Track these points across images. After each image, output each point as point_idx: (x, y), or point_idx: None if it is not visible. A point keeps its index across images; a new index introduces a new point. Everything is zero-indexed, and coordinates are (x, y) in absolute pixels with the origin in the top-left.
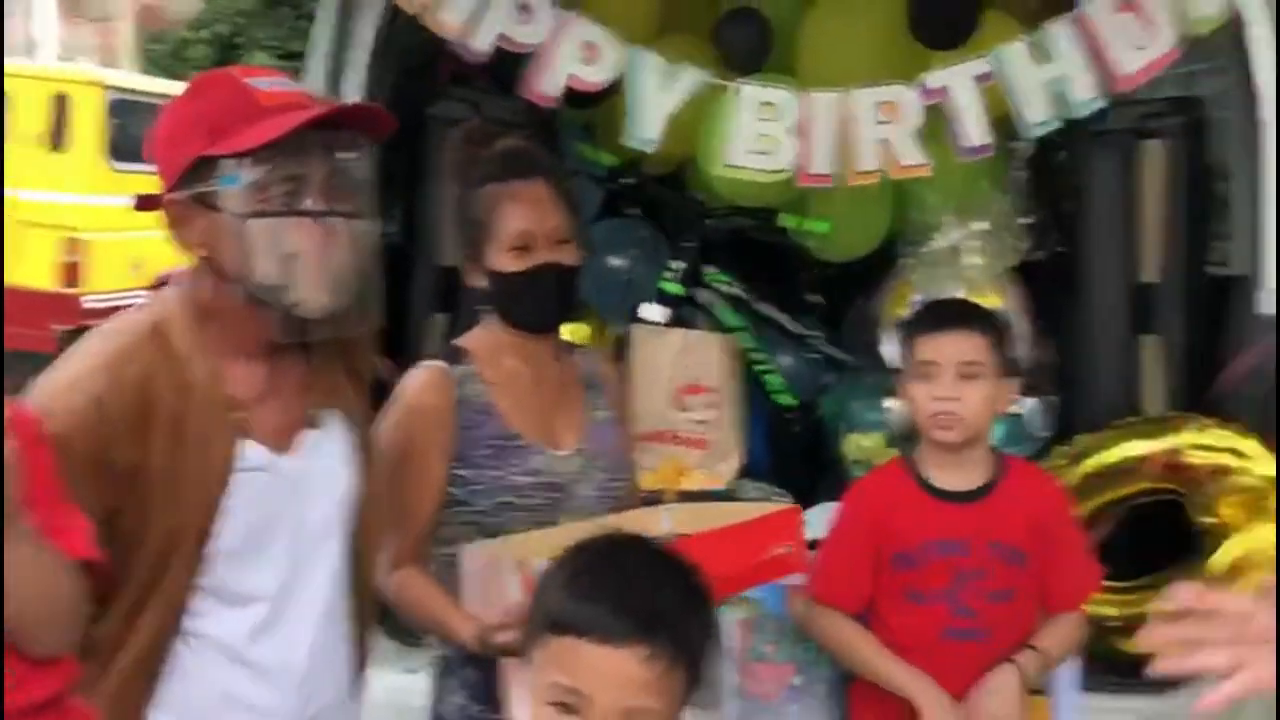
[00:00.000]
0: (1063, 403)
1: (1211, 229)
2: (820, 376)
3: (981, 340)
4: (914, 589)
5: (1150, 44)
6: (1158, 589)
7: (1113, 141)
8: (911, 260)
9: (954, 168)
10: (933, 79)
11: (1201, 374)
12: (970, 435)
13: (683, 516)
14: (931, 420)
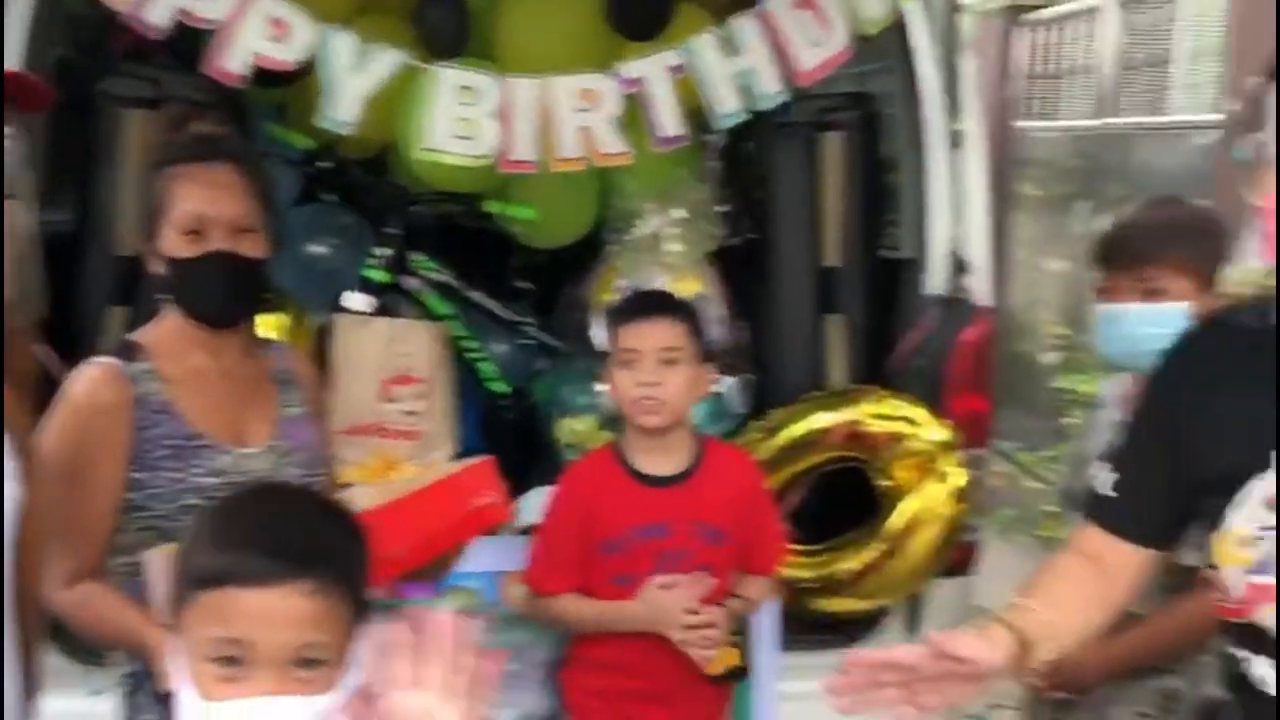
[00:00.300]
0: (757, 380)
1: (885, 216)
2: (532, 362)
3: (680, 328)
4: (621, 574)
5: (826, 41)
6: (845, 549)
7: (795, 133)
8: (616, 247)
9: (654, 156)
10: (628, 69)
11: (878, 350)
12: (672, 420)
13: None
14: (635, 406)
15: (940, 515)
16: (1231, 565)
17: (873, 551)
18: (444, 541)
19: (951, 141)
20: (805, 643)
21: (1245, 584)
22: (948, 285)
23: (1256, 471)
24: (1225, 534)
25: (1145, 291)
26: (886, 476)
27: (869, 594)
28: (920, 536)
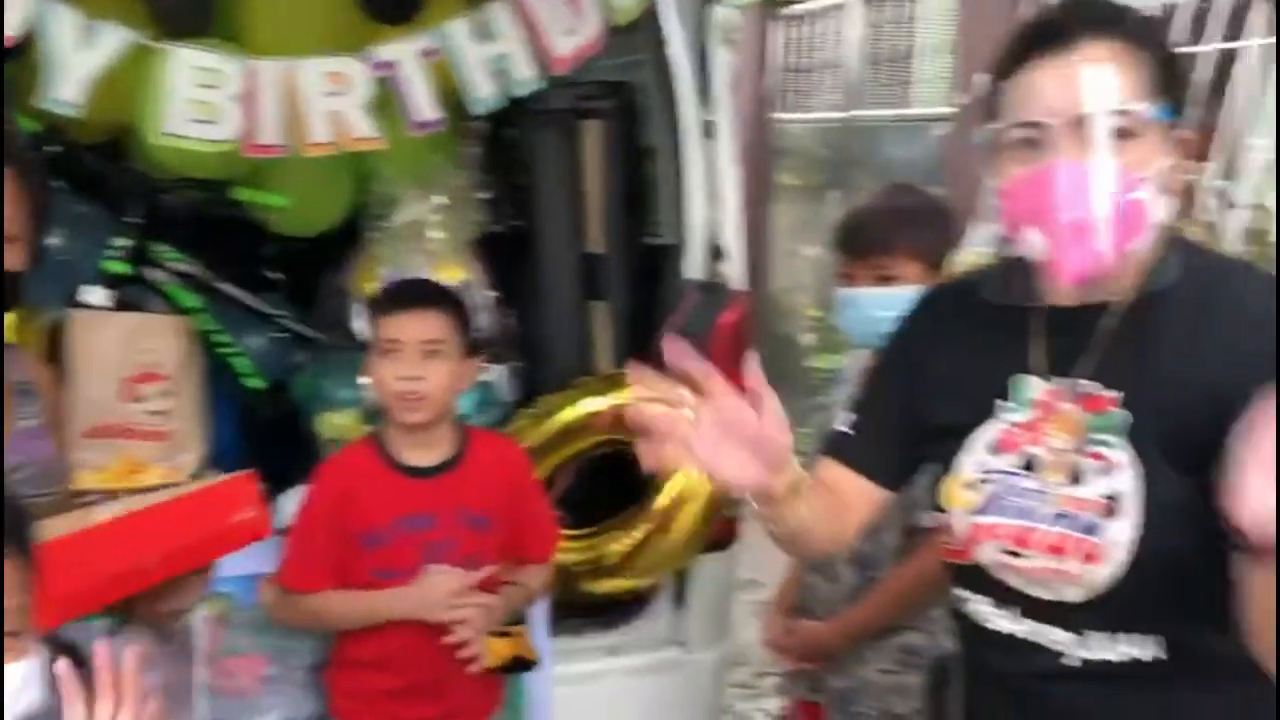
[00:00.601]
0: (525, 368)
1: (646, 203)
2: (291, 356)
3: (444, 319)
4: (385, 567)
5: (579, 29)
6: (613, 531)
7: (555, 120)
8: (377, 235)
9: (411, 142)
10: (380, 52)
11: (643, 334)
12: (434, 413)
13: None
14: (396, 400)
15: (703, 493)
16: (958, 507)
17: (639, 532)
18: (197, 555)
19: (705, 131)
20: (575, 626)
21: (969, 525)
22: (706, 270)
23: (983, 419)
24: (953, 478)
25: (878, 277)
26: None
27: (637, 573)
28: (684, 515)
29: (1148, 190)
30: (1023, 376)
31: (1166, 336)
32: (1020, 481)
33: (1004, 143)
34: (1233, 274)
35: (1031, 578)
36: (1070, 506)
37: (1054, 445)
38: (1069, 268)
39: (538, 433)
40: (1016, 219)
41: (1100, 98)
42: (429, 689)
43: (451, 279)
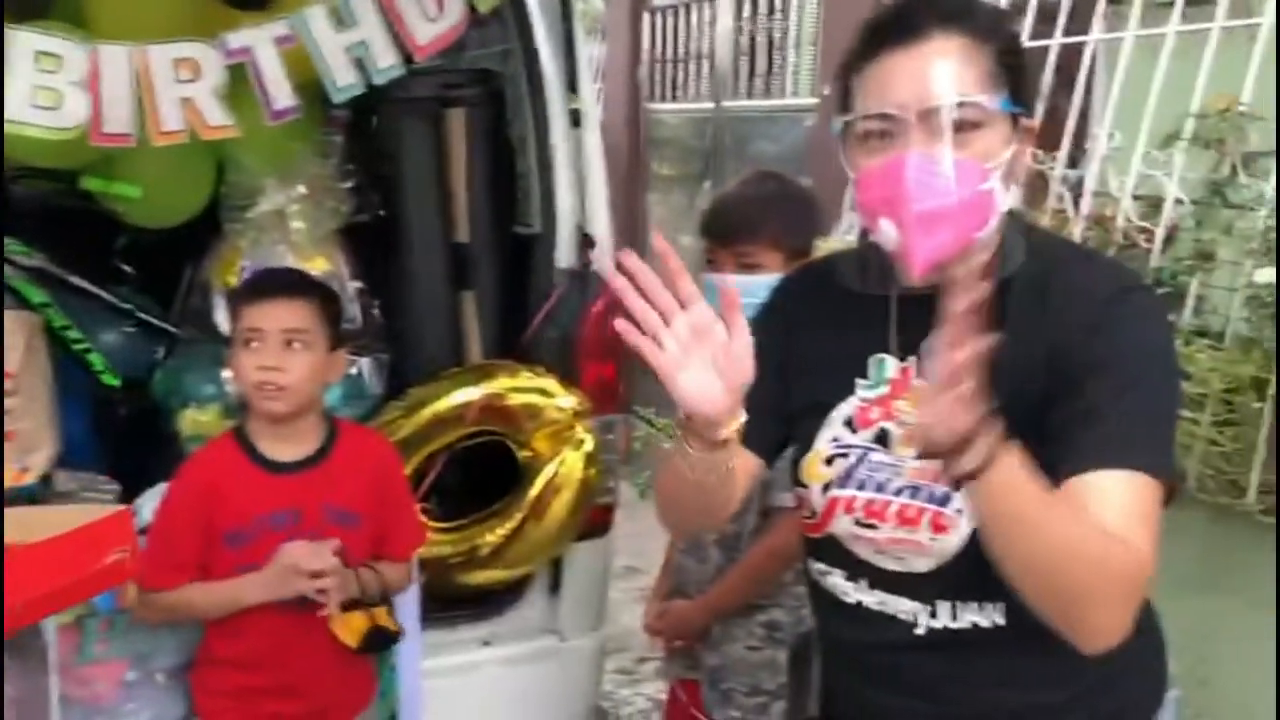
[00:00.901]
0: (394, 359)
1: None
2: (150, 351)
3: (307, 309)
4: (248, 564)
5: (440, 17)
6: (486, 522)
7: (420, 108)
8: (238, 225)
9: (270, 130)
10: (234, 39)
11: (513, 323)
12: (296, 406)
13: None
14: (256, 391)
15: (575, 481)
16: (815, 481)
17: (512, 522)
18: (68, 598)
19: (572, 120)
20: (449, 619)
21: (825, 499)
22: (576, 259)
23: (843, 398)
24: (813, 454)
25: (741, 264)
26: (526, 448)
27: (511, 564)
28: (557, 503)
29: (994, 180)
30: (881, 356)
31: (1010, 318)
32: (874, 455)
33: (857, 134)
34: (1071, 259)
35: (882, 548)
36: (920, 478)
37: (905, 420)
38: (919, 257)
39: (408, 425)
40: (870, 209)
41: (947, 90)
42: (297, 685)
43: (315, 270)
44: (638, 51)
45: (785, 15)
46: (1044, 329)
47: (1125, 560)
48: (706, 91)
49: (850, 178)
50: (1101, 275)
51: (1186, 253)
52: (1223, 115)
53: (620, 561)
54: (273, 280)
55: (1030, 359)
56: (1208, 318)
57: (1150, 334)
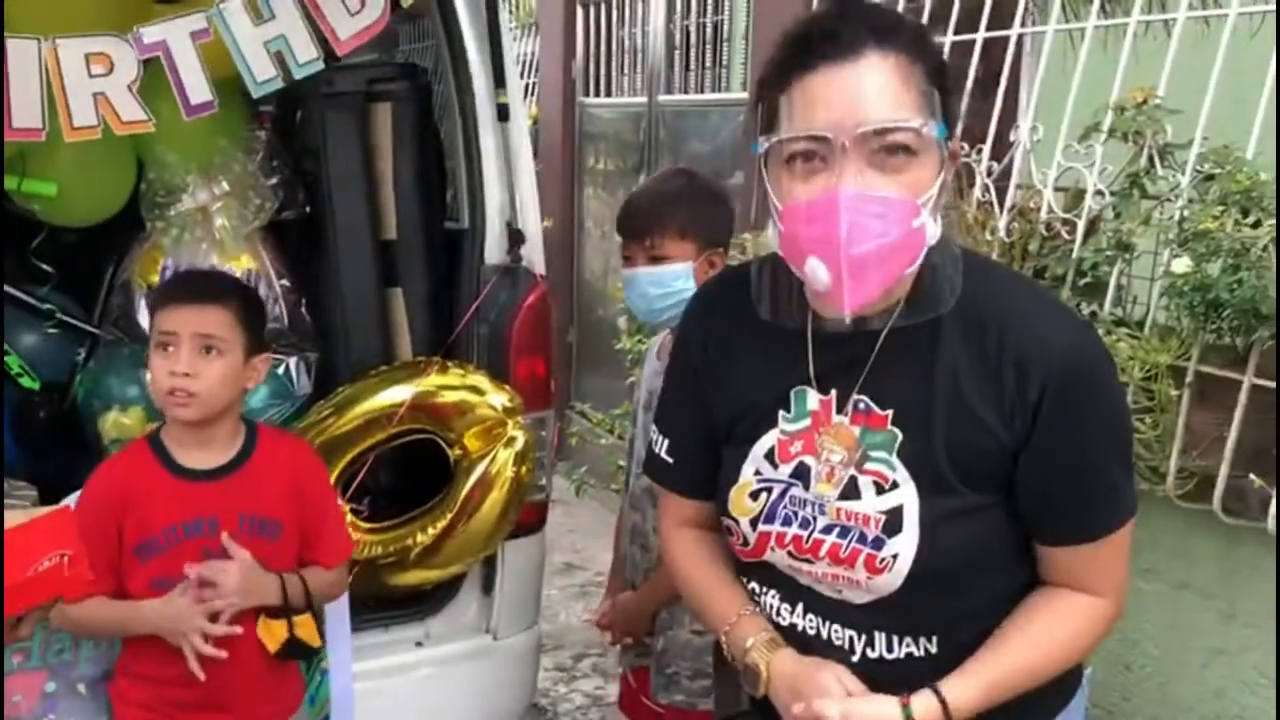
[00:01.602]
0: (322, 358)
1: (442, 188)
2: (71, 353)
3: (223, 314)
4: (161, 576)
5: (362, 11)
6: (417, 522)
7: (345, 104)
8: (160, 223)
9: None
10: (149, 33)
11: (442, 320)
12: (207, 413)
13: None
14: (169, 397)
15: (506, 479)
16: (742, 515)
17: (443, 521)
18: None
19: (499, 114)
20: (381, 620)
21: (755, 533)
22: (505, 255)
23: (764, 429)
24: (737, 488)
25: (651, 257)
26: (458, 446)
27: (443, 563)
28: (489, 501)
29: (925, 215)
30: (802, 389)
31: (939, 355)
32: (794, 491)
33: (782, 157)
34: (1002, 289)
35: (819, 579)
36: (848, 520)
37: (828, 458)
38: (850, 299)
39: (338, 424)
40: (798, 247)
41: (884, 113)
42: (218, 697)
43: (239, 268)
44: (572, 46)
45: (718, 10)
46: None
47: (1108, 622)
48: (640, 86)
49: (774, 205)
50: (1050, 324)
51: (1106, 243)
52: (1140, 108)
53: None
54: (189, 284)
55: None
56: (1127, 306)
57: (1104, 395)
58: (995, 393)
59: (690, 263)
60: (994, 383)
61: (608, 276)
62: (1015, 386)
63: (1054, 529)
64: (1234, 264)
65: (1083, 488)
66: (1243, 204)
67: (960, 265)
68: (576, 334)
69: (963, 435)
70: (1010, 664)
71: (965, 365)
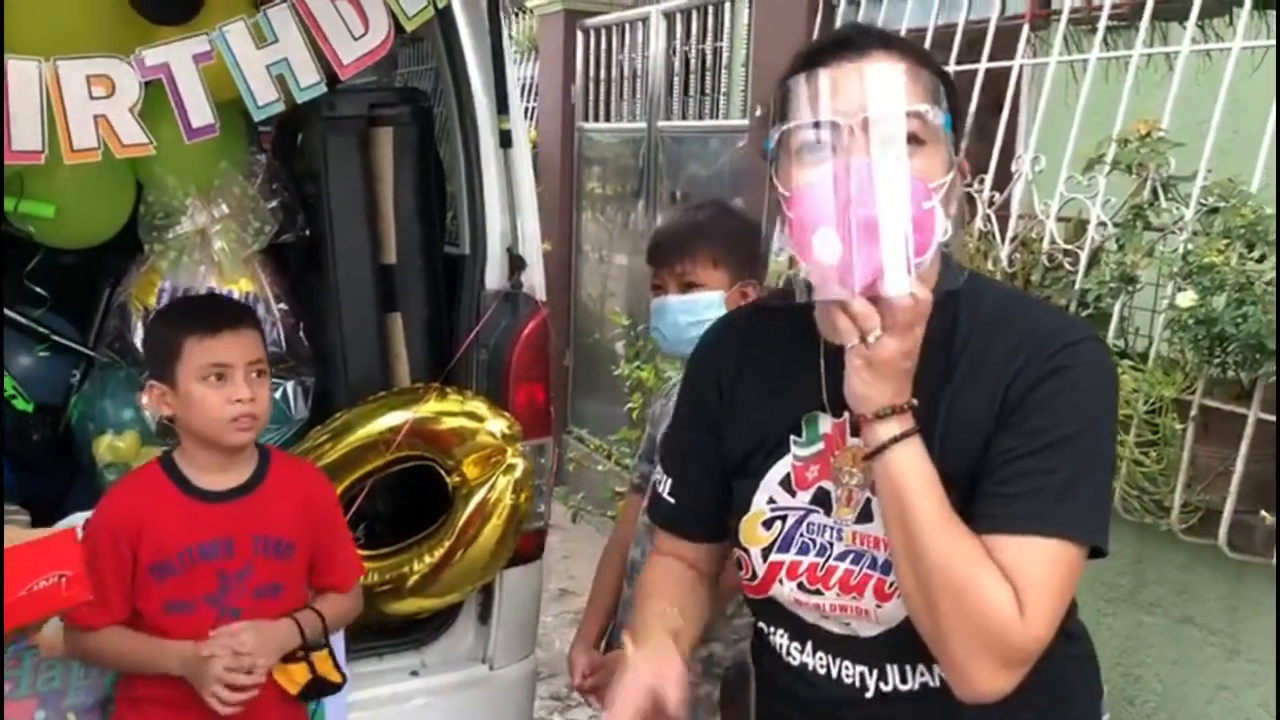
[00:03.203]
0: (319, 382)
1: (443, 213)
2: (65, 375)
3: (260, 337)
4: (176, 599)
5: (365, 35)
6: (414, 550)
7: (347, 127)
8: (159, 246)
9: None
10: (151, 55)
11: (442, 346)
12: (260, 432)
13: None
14: (231, 424)
15: (505, 507)
16: (754, 545)
17: (441, 550)
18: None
19: (501, 140)
20: (376, 649)
21: (765, 564)
22: (505, 280)
23: (777, 456)
24: (750, 516)
25: (682, 285)
26: (456, 473)
27: (440, 592)
28: (487, 530)
29: (936, 201)
30: (814, 414)
31: (945, 371)
32: (813, 518)
33: (792, 148)
34: (1010, 305)
35: (827, 614)
36: (863, 544)
37: (844, 480)
38: (862, 269)
39: (335, 450)
40: (807, 222)
41: (892, 98)
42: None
43: (237, 291)
44: (571, 70)
45: (718, 36)
46: (988, 375)
47: (1003, 619)
48: (640, 112)
49: (782, 196)
50: (1051, 322)
51: (1110, 275)
52: (1144, 140)
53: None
54: (222, 312)
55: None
56: (1130, 338)
57: (1094, 393)
58: (992, 393)
59: (722, 291)
60: (993, 383)
61: (605, 300)
62: (1014, 374)
63: (991, 509)
64: (1238, 298)
65: (1034, 470)
66: (1248, 238)
67: (958, 275)
68: (573, 358)
69: (968, 452)
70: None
71: (970, 379)
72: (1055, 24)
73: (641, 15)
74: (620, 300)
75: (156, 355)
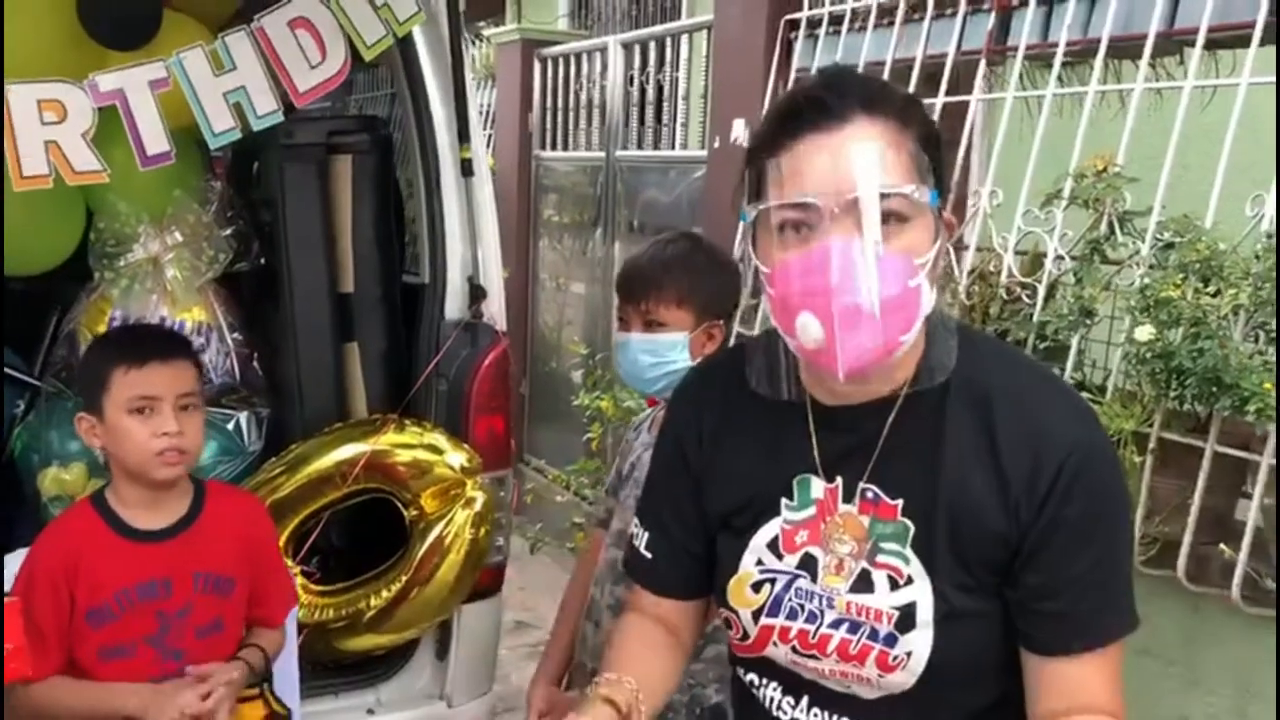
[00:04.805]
0: (274, 414)
1: (402, 242)
2: (10, 405)
3: (193, 369)
4: (115, 643)
5: (323, 63)
6: (372, 585)
7: (304, 155)
8: (109, 274)
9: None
10: (105, 80)
11: (400, 376)
12: (192, 467)
13: None
14: (158, 458)
15: (464, 541)
16: (742, 607)
17: (397, 585)
18: None
19: (463, 169)
20: (331, 686)
21: (756, 626)
22: (465, 310)
23: (766, 517)
24: (737, 579)
25: (645, 322)
26: (414, 506)
27: (396, 628)
28: (445, 565)
29: (922, 277)
30: (806, 477)
31: (944, 439)
32: (800, 583)
33: (770, 225)
34: (1005, 365)
35: (824, 675)
36: (859, 614)
37: (836, 549)
38: (845, 356)
39: (290, 482)
40: (789, 304)
41: (874, 178)
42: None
43: (190, 320)
44: (529, 99)
45: (675, 67)
46: (986, 451)
47: None
48: (597, 141)
49: (762, 272)
50: (1054, 412)
51: (1068, 308)
52: (1100, 176)
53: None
54: (154, 343)
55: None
56: (1088, 370)
57: (1112, 492)
58: (1000, 479)
59: (686, 333)
60: (999, 468)
61: (562, 329)
62: (1025, 477)
63: (1056, 633)
64: (1194, 332)
65: (1091, 585)
66: (1203, 272)
67: (956, 339)
68: (529, 386)
69: (970, 526)
70: None
71: (970, 450)
72: (1012, 60)
73: (599, 45)
74: (578, 329)
75: (86, 386)
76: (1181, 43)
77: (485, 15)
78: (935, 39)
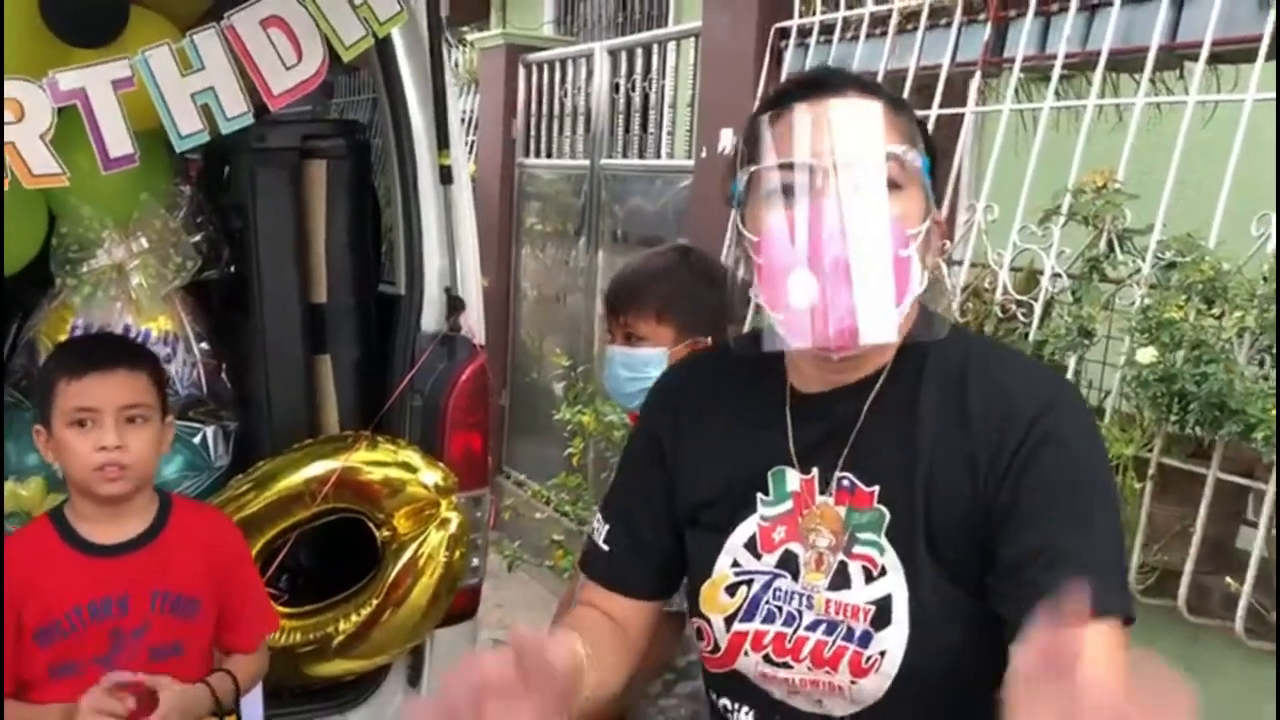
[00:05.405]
0: (242, 428)
1: (378, 251)
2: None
3: (144, 380)
4: (64, 661)
5: (299, 64)
6: (340, 608)
7: (277, 159)
8: (71, 280)
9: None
10: (66, 79)
11: (373, 390)
12: (138, 484)
13: None
14: (97, 473)
15: (438, 564)
16: (715, 613)
17: (369, 608)
18: None
19: (442, 177)
20: (299, 714)
21: (728, 633)
22: (442, 322)
23: (741, 515)
24: (711, 582)
25: (625, 336)
26: (386, 527)
27: (367, 654)
28: (418, 588)
29: (914, 249)
30: (781, 469)
31: (918, 420)
32: (780, 583)
33: (761, 192)
34: (984, 347)
35: (796, 689)
36: (837, 613)
37: (814, 543)
38: (834, 319)
39: (257, 500)
40: (779, 268)
41: (871, 137)
42: None
43: (156, 329)
44: (513, 105)
45: (662, 75)
46: (962, 430)
47: None
48: (581, 149)
49: (750, 243)
50: (1022, 380)
51: (1066, 328)
52: (1099, 192)
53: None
54: (100, 352)
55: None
56: (1085, 392)
57: (1085, 460)
58: (970, 456)
59: (665, 348)
60: (969, 443)
61: (543, 340)
62: (992, 446)
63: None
64: (1197, 355)
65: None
66: (1206, 294)
67: (928, 324)
68: (510, 398)
69: (942, 508)
70: None
71: (945, 430)
72: (1008, 72)
73: (585, 51)
74: (560, 339)
75: (38, 397)
76: (1183, 56)
77: (469, 20)
78: (929, 49)
